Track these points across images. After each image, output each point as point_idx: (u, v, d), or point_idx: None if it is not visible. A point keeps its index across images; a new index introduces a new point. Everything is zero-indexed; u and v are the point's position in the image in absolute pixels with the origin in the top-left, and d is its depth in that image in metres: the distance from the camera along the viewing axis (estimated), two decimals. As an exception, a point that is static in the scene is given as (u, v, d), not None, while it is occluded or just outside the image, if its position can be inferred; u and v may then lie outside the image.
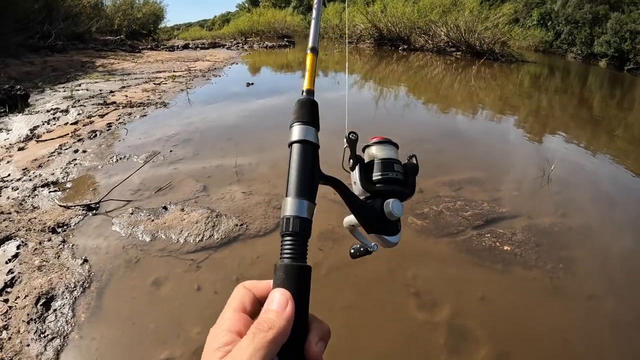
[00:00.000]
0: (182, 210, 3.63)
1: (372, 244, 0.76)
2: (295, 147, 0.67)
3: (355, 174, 0.75)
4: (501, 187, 4.48)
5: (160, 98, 8.21)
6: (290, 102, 0.72)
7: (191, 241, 3.23)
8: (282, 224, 0.61)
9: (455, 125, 7.33)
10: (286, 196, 0.62)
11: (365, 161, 0.77)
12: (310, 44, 0.84)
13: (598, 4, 31.42)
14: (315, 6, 0.92)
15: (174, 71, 11.87)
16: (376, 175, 0.74)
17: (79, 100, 7.78)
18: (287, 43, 23.12)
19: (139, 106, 7.47)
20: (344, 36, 24.69)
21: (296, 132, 0.68)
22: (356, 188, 0.75)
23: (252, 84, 10.12)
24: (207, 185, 4.17)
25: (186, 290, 2.73)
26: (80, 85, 9.36)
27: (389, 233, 0.73)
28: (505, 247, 3.34)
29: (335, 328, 2.12)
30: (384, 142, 0.79)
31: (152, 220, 3.49)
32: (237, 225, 3.44)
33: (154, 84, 9.83)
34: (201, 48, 20.86)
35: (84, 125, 6.24)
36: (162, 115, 6.98)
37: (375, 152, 0.78)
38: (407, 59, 17.65)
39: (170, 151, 5.08)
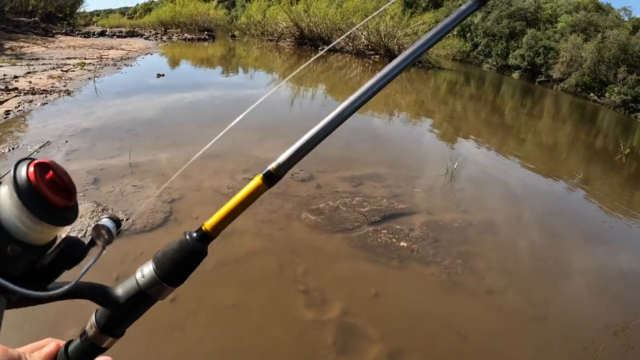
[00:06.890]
0: (67, 204, 3.37)
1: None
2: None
3: None
4: (402, 183, 4.58)
5: (65, 86, 7.74)
6: (195, 97, 0.59)
7: (71, 237, 3.00)
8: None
9: (366, 124, 7.46)
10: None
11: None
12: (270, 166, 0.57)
13: (516, 20, 33.66)
14: None
15: (85, 58, 11.22)
16: None
17: (-22, 86, 7.15)
18: (207, 37, 22.88)
19: (42, 93, 7.00)
20: (266, 33, 24.65)
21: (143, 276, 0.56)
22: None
23: (163, 75, 9.87)
24: (98, 177, 3.93)
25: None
26: (-17, 69, 8.63)
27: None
28: (402, 243, 3.39)
29: (218, 328, 1.98)
30: None
31: (33, 215, 3.21)
32: (122, 219, 3.23)
33: (62, 70, 9.27)
34: (118, 36, 20.00)
35: (-21, 113, 5.74)
36: (64, 103, 6.56)
37: None
38: (327, 59, 17.81)
39: (66, 141, 4.76)
